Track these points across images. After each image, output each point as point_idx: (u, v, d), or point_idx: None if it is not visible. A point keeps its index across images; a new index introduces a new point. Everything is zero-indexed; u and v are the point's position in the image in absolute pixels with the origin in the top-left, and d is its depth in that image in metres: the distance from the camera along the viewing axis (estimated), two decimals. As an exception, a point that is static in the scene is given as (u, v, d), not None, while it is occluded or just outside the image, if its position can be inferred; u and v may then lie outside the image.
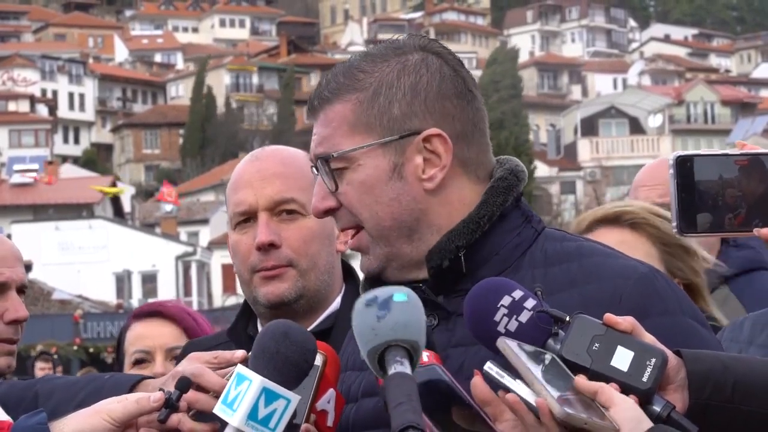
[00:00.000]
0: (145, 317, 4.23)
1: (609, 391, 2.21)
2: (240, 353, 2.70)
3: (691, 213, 2.42)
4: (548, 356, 2.28)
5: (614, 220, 3.58)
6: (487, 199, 2.63)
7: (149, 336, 4.13)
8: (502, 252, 2.62)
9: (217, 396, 2.49)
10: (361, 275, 2.80)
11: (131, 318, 4.28)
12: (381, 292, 2.18)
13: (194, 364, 2.72)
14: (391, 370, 2.09)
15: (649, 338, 2.31)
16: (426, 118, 2.62)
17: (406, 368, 2.09)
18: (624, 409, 2.19)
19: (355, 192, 2.61)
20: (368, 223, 2.61)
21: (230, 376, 2.59)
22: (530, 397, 2.22)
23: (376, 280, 2.68)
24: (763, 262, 4.46)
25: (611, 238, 3.28)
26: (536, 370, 2.22)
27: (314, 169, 2.68)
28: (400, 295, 2.17)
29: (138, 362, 4.10)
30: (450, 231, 2.60)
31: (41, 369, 17.57)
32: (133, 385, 2.88)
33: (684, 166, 2.42)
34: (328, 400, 2.58)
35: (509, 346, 2.24)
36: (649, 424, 2.18)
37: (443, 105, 2.63)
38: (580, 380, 2.23)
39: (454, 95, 2.65)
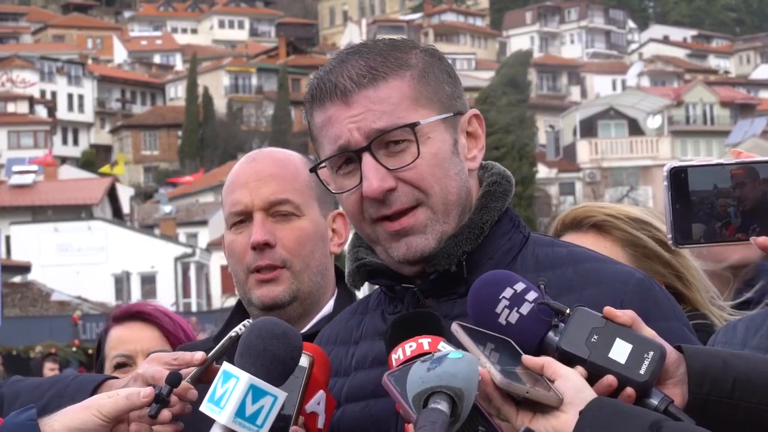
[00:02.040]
0: (125, 320, 4.24)
1: (554, 365, 2.26)
2: (199, 355, 2.69)
3: (686, 224, 2.42)
4: (499, 337, 2.32)
5: (576, 224, 3.54)
6: (487, 204, 2.64)
7: (130, 340, 4.15)
8: (496, 256, 2.64)
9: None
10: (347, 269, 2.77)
11: (111, 320, 4.29)
12: (438, 353, 2.24)
13: (154, 366, 2.73)
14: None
15: (649, 332, 2.33)
16: (464, 100, 2.67)
17: (442, 408, 2.14)
18: (567, 379, 2.23)
19: (426, 165, 2.57)
20: (436, 197, 2.58)
21: (190, 379, 2.60)
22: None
23: (373, 272, 2.67)
24: None
25: (575, 242, 3.20)
26: (485, 349, 2.26)
27: (362, 152, 2.55)
28: (456, 353, 2.22)
29: (119, 366, 4.11)
30: (455, 235, 2.59)
31: (51, 369, 17.76)
32: (96, 386, 2.89)
33: (678, 177, 2.42)
34: (317, 402, 2.58)
35: (459, 329, 2.29)
36: (592, 394, 2.22)
37: (463, 92, 2.70)
38: (528, 357, 2.27)
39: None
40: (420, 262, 2.60)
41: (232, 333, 2.64)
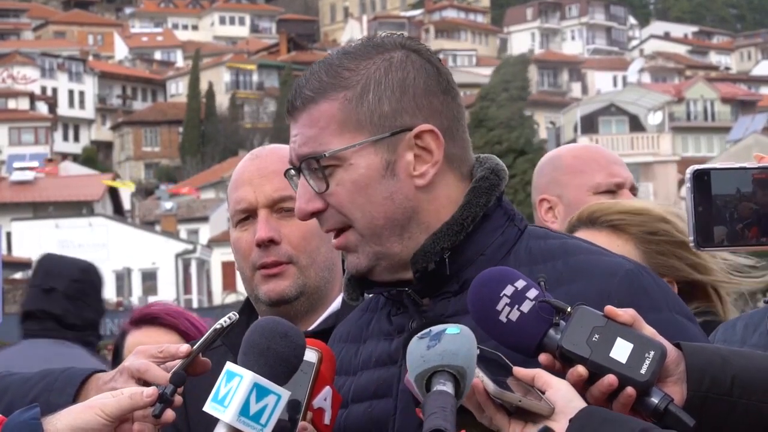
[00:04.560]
0: (142, 325, 4.26)
1: (545, 376, 2.27)
2: (185, 347, 2.68)
3: (708, 226, 2.42)
4: (490, 350, 2.32)
5: (592, 221, 3.52)
6: (470, 200, 2.61)
7: (149, 344, 4.15)
8: (488, 252, 2.61)
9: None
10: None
11: (129, 324, 4.30)
12: (436, 327, 2.23)
13: (140, 360, 2.73)
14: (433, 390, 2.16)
15: (649, 331, 2.32)
16: (416, 114, 2.59)
17: (448, 389, 2.14)
18: (558, 389, 2.24)
19: (346, 192, 2.57)
20: (360, 222, 2.58)
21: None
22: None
23: (361, 279, 2.66)
24: None
25: (588, 238, 3.15)
26: (477, 361, 2.25)
27: (293, 171, 2.64)
28: (454, 328, 2.22)
29: None
30: (434, 233, 2.58)
31: None
32: (83, 380, 2.88)
33: (701, 179, 2.41)
34: (324, 398, 2.57)
35: None
36: (581, 403, 2.23)
37: (430, 101, 2.61)
38: (518, 368, 2.28)
39: (440, 91, 2.63)
40: (357, 277, 2.63)
41: (216, 325, 2.63)
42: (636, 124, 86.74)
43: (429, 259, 2.56)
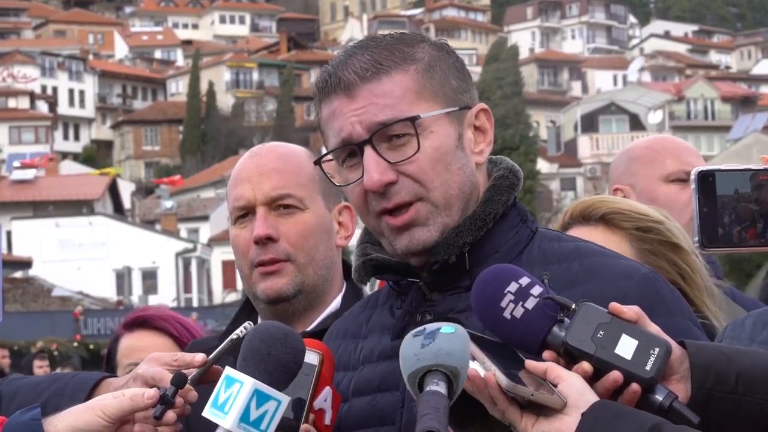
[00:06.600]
0: (134, 328, 4.27)
1: (557, 369, 2.26)
2: (200, 356, 2.68)
3: (713, 228, 2.41)
4: (501, 343, 2.33)
5: (586, 216, 3.49)
6: (491, 197, 2.64)
7: (141, 348, 4.16)
8: (502, 250, 2.63)
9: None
10: (354, 262, 2.76)
11: (122, 328, 4.31)
12: (430, 325, 2.23)
13: (154, 367, 2.72)
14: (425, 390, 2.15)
15: (654, 328, 2.32)
16: (471, 93, 2.67)
17: (441, 389, 2.13)
18: (570, 383, 2.24)
19: (427, 159, 2.57)
20: (437, 191, 2.58)
21: (190, 381, 2.59)
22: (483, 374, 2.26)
23: (378, 267, 2.67)
24: None
25: (581, 236, 3.08)
26: (489, 353, 2.26)
27: (364, 145, 2.56)
28: (448, 328, 2.21)
29: None
30: (456, 227, 2.60)
31: (39, 367, 17.69)
32: (94, 384, 2.88)
33: (706, 180, 2.42)
34: (324, 399, 2.57)
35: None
36: (594, 397, 2.23)
37: (473, 84, 2.71)
38: (531, 361, 2.28)
39: (471, 78, 2.73)
40: (423, 254, 2.61)
41: (233, 336, 2.62)
42: (636, 123, 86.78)
43: (451, 251, 2.58)
